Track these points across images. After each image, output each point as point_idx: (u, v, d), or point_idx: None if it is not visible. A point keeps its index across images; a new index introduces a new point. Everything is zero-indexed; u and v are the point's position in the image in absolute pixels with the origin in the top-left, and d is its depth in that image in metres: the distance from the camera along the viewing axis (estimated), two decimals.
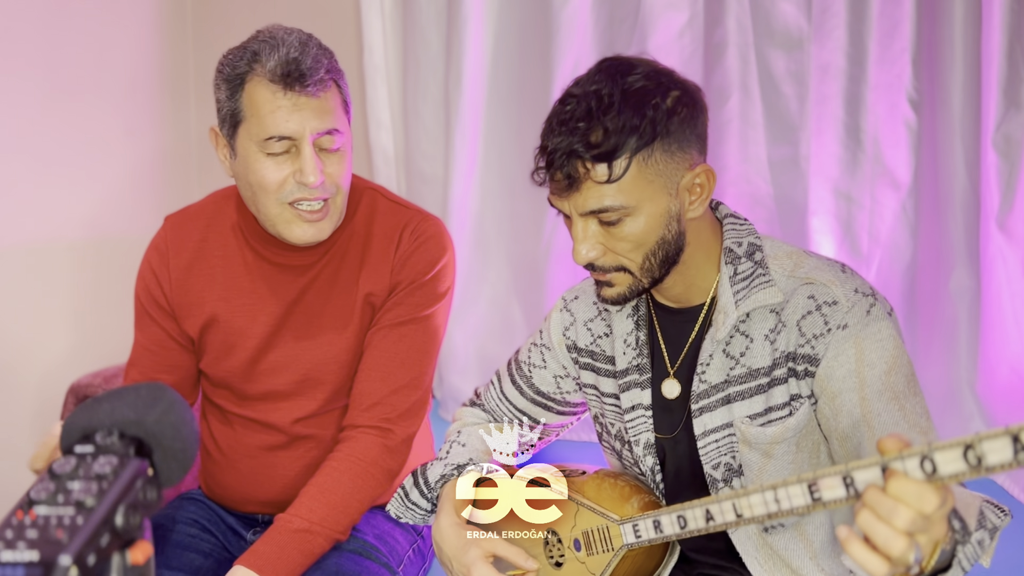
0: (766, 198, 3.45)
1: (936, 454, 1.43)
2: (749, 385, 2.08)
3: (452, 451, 2.42)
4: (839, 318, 1.99)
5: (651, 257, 2.04)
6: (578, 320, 2.38)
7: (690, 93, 2.03)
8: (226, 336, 2.62)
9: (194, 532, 2.67)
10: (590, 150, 1.93)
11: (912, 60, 3.17)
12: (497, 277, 3.92)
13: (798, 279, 2.06)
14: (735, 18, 3.37)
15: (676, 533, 1.96)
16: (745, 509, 1.77)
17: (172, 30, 4.22)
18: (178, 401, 1.40)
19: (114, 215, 3.93)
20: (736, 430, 2.10)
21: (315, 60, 2.37)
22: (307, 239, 2.47)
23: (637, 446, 2.25)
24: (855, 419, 1.96)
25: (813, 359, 2.00)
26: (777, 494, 1.69)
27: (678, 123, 1.98)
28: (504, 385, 2.53)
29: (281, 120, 2.35)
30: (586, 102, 1.96)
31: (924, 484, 1.44)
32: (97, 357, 3.78)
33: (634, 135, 1.93)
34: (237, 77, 2.39)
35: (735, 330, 2.09)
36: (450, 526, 2.25)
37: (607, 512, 2.15)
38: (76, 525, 1.10)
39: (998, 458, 1.36)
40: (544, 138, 2.01)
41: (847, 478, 1.56)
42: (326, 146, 2.41)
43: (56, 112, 3.68)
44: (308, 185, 2.38)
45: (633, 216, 1.98)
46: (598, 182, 1.95)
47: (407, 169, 3.99)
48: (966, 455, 1.39)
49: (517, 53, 3.77)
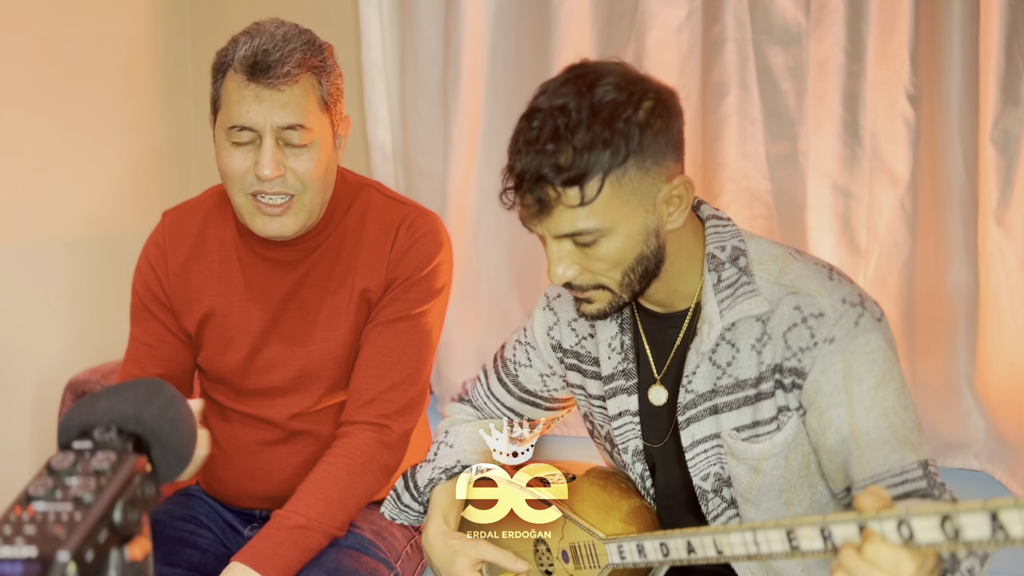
0: (764, 194, 3.45)
1: (913, 520, 1.42)
2: (736, 396, 2.04)
3: (440, 453, 2.40)
4: (826, 331, 1.94)
5: (630, 273, 1.98)
6: (561, 320, 2.35)
7: (663, 101, 1.92)
8: (223, 331, 2.62)
9: (192, 528, 2.67)
10: (560, 174, 1.84)
11: (910, 56, 3.17)
12: (495, 272, 3.91)
13: (784, 287, 2.00)
14: (733, 14, 3.37)
15: (659, 560, 1.94)
16: (725, 547, 1.76)
17: (170, 26, 4.22)
18: (176, 397, 1.41)
19: (112, 211, 3.92)
20: (724, 442, 2.08)
21: (287, 54, 2.35)
22: (268, 232, 2.46)
23: (626, 453, 2.23)
24: (843, 436, 1.94)
25: (800, 372, 1.97)
26: (756, 536, 1.68)
27: (652, 136, 1.88)
28: (491, 383, 2.52)
29: (243, 111, 2.35)
30: (552, 120, 1.86)
31: (901, 549, 1.44)
32: (95, 353, 3.78)
33: (605, 154, 1.84)
34: (222, 66, 2.41)
35: (721, 339, 2.05)
36: (437, 535, 2.25)
37: (593, 529, 2.13)
38: (74, 521, 1.10)
39: (975, 534, 1.35)
40: (511, 158, 1.93)
41: (824, 531, 1.55)
42: (292, 141, 2.39)
43: (53, 108, 3.68)
44: (262, 178, 2.37)
45: (609, 237, 1.91)
46: (570, 206, 1.87)
47: (405, 165, 3.99)
48: (943, 526, 1.38)
49: (515, 49, 3.77)
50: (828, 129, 3.33)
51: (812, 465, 2.07)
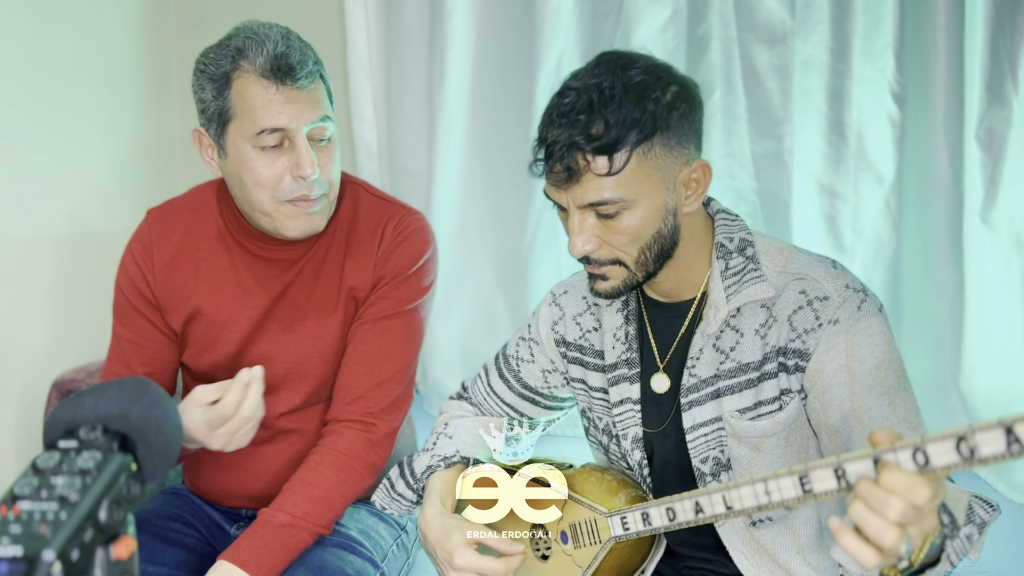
0: (750, 192, 3.46)
1: (928, 446, 1.43)
2: (739, 379, 2.08)
3: (439, 443, 2.41)
4: (830, 313, 1.99)
5: (647, 251, 2.03)
6: (567, 314, 2.38)
7: (688, 88, 2.02)
8: (209, 329, 2.61)
9: (177, 527, 2.65)
10: (591, 142, 1.92)
11: (895, 55, 3.18)
12: (481, 271, 3.92)
13: (789, 274, 2.06)
14: (718, 13, 3.38)
15: (665, 525, 1.95)
16: (735, 501, 1.77)
17: (156, 24, 4.21)
18: (162, 396, 1.40)
19: (97, 209, 3.91)
20: (725, 424, 2.10)
21: (302, 54, 2.36)
22: (305, 232, 2.46)
23: (625, 440, 2.24)
24: (845, 414, 1.96)
25: (804, 354, 2.00)
26: (768, 486, 1.69)
27: (677, 118, 1.96)
28: (491, 379, 2.53)
29: (274, 112, 2.34)
30: (587, 95, 1.94)
31: (916, 476, 1.45)
32: (80, 351, 3.77)
33: (635, 128, 1.91)
34: (223, 76, 2.37)
35: (725, 324, 2.08)
36: (434, 515, 2.24)
37: (595, 504, 2.14)
38: (60, 520, 1.10)
39: (991, 450, 1.37)
40: (543, 130, 2.00)
41: (839, 470, 1.56)
42: (317, 136, 2.40)
43: (39, 106, 3.66)
44: (305, 178, 2.37)
45: (631, 209, 1.97)
46: (598, 174, 1.94)
47: (391, 164, 3.99)
48: (959, 447, 1.40)
49: (501, 48, 3.77)
50: (813, 128, 3.34)
51: (811, 448, 2.09)
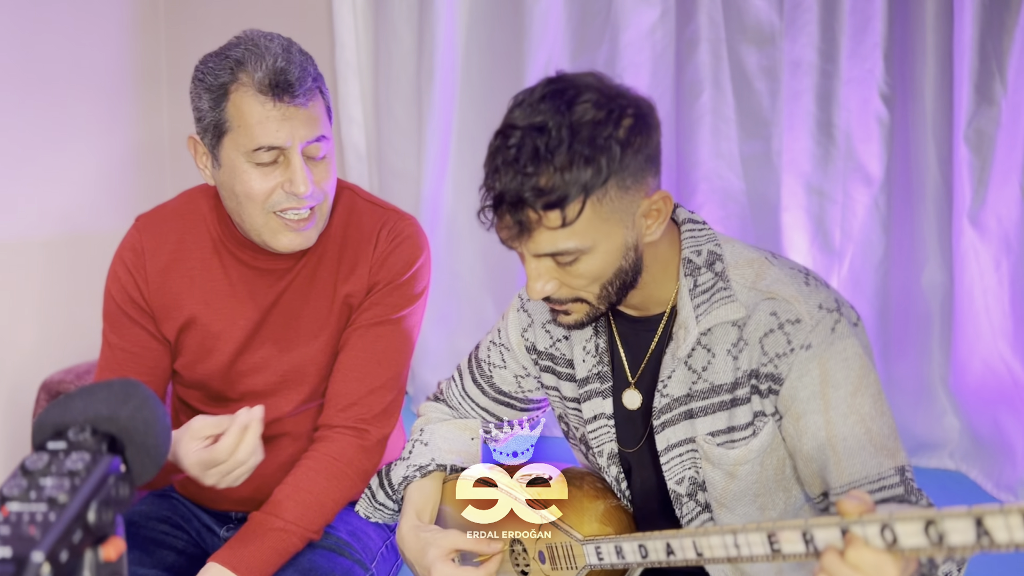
0: (738, 194, 3.45)
1: (897, 525, 1.42)
2: (712, 401, 2.04)
3: (415, 451, 2.40)
4: (802, 337, 1.93)
5: (608, 287, 1.96)
6: (536, 321, 2.33)
7: (643, 116, 1.89)
8: (204, 339, 2.61)
9: (167, 529, 2.66)
10: (540, 197, 1.80)
11: (884, 55, 3.18)
12: (469, 272, 3.92)
13: (760, 292, 1.99)
14: (707, 14, 3.38)
15: (637, 562, 1.93)
16: (705, 549, 1.75)
17: (145, 28, 4.20)
18: (151, 398, 1.40)
19: (86, 212, 3.91)
20: (699, 447, 2.07)
21: (302, 69, 2.34)
22: (294, 247, 2.45)
23: (601, 456, 2.22)
24: (820, 442, 1.94)
25: (776, 378, 1.96)
26: (737, 539, 1.68)
27: (632, 154, 1.85)
28: (465, 383, 2.51)
29: (271, 130, 2.32)
30: (531, 140, 1.81)
31: (883, 554, 1.44)
32: (69, 353, 3.77)
33: (586, 174, 1.80)
34: (221, 87, 2.35)
35: (696, 343, 2.04)
36: (409, 530, 2.24)
37: (570, 530, 2.12)
38: (48, 522, 1.10)
39: (960, 539, 1.35)
40: (488, 177, 1.89)
41: (807, 534, 1.55)
42: (313, 154, 2.39)
43: (29, 109, 3.66)
44: (298, 195, 2.36)
45: (590, 255, 1.89)
46: (551, 228, 1.84)
47: (379, 165, 3.98)
48: (927, 530, 1.38)
49: (489, 49, 3.77)
50: (802, 128, 3.34)
51: (787, 470, 2.06)
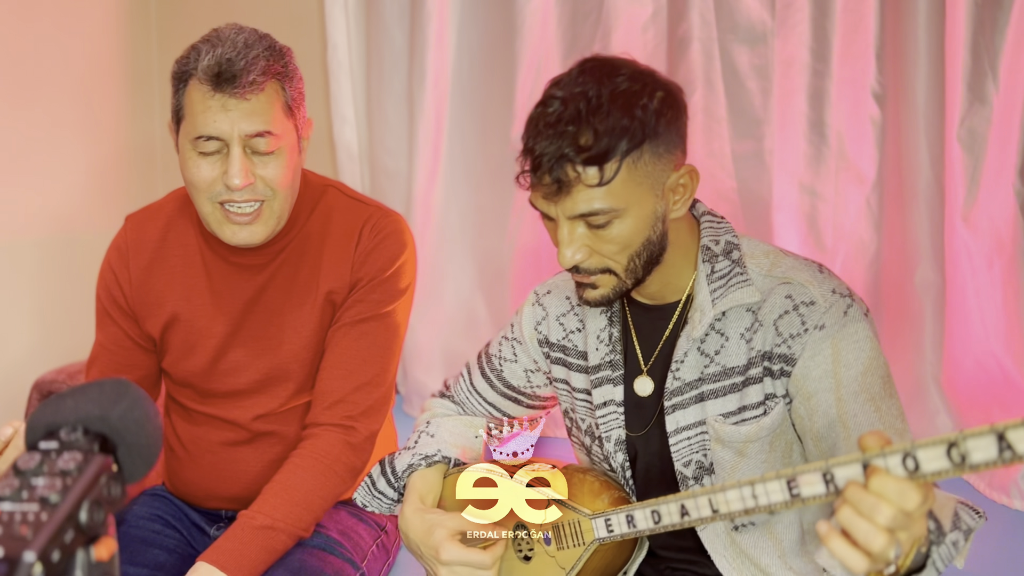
0: (730, 192, 3.45)
1: (919, 451, 1.43)
2: (723, 384, 2.07)
3: (420, 441, 2.42)
4: (816, 318, 1.98)
5: (636, 258, 2.01)
6: (550, 315, 2.37)
7: (673, 94, 1.99)
8: (187, 336, 2.62)
9: (157, 528, 2.66)
10: (581, 153, 1.89)
11: (876, 55, 3.18)
12: (461, 272, 3.92)
13: (775, 278, 2.05)
14: (699, 13, 3.38)
15: (649, 528, 1.94)
16: (721, 504, 1.76)
17: (136, 28, 4.20)
18: (142, 397, 1.38)
19: (78, 212, 3.91)
20: (709, 428, 2.09)
21: (251, 62, 2.34)
22: (238, 241, 2.46)
23: (608, 442, 2.23)
24: (830, 419, 1.96)
25: (789, 359, 1.99)
26: (755, 489, 1.69)
27: (665, 124, 1.94)
28: (474, 378, 2.52)
29: (210, 120, 2.34)
30: (573, 104, 1.91)
31: (906, 481, 1.45)
32: (61, 353, 3.78)
33: (624, 137, 1.89)
34: (183, 75, 2.39)
35: (711, 328, 2.07)
36: (414, 513, 2.25)
37: (578, 507, 2.13)
38: (40, 521, 1.09)
39: (982, 456, 1.36)
40: (529, 141, 1.97)
41: (827, 474, 1.56)
42: (259, 148, 2.38)
43: (20, 110, 3.67)
44: (231, 187, 2.37)
45: (622, 218, 1.95)
46: (588, 185, 1.91)
47: (371, 164, 3.98)
48: (949, 453, 1.39)
49: (480, 48, 3.77)
50: (794, 128, 3.34)
51: (795, 453, 2.09)
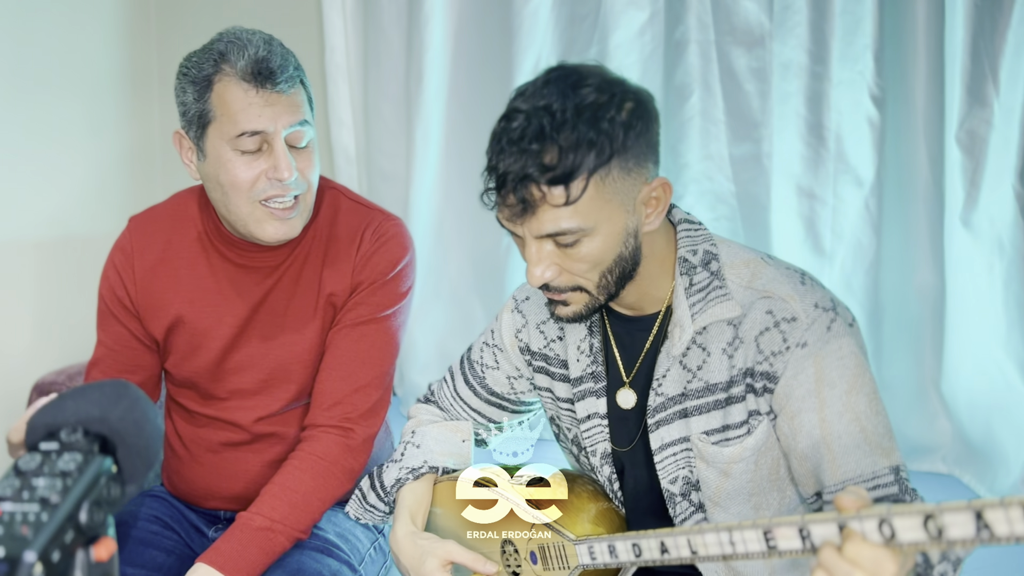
0: (728, 195, 3.45)
1: (895, 519, 1.40)
2: (707, 400, 2.03)
3: (407, 453, 2.40)
4: (798, 335, 1.93)
5: (608, 275, 1.97)
6: (530, 322, 2.34)
7: (643, 103, 1.92)
8: (191, 337, 2.62)
9: (156, 529, 2.67)
10: (545, 173, 1.82)
11: (875, 57, 3.17)
12: (458, 274, 3.92)
13: (756, 291, 2.00)
14: (696, 16, 3.38)
15: (631, 560, 1.91)
16: (700, 547, 1.73)
17: (136, 30, 4.21)
18: (142, 399, 1.40)
19: (78, 214, 3.92)
20: (693, 446, 2.06)
21: (283, 58, 2.38)
22: (279, 237, 2.47)
23: (594, 456, 2.22)
24: (815, 440, 1.93)
25: (771, 376, 1.96)
26: (732, 536, 1.65)
27: (634, 137, 1.87)
28: (457, 384, 2.50)
29: (253, 116, 2.35)
30: (537, 119, 1.84)
31: (882, 549, 1.42)
32: (61, 354, 3.79)
33: (591, 153, 1.82)
34: (204, 79, 2.39)
35: (692, 342, 2.04)
36: (405, 536, 2.24)
37: (562, 530, 2.12)
38: (41, 522, 1.10)
39: (959, 533, 1.33)
40: (492, 158, 1.90)
41: (803, 530, 1.53)
42: (296, 142, 2.42)
43: (20, 111, 3.67)
44: (282, 181, 2.38)
45: (591, 237, 1.90)
46: (554, 205, 1.85)
47: (368, 167, 3.99)
48: (926, 524, 1.36)
49: (478, 51, 3.77)
50: (792, 130, 3.33)
51: (782, 469, 2.06)
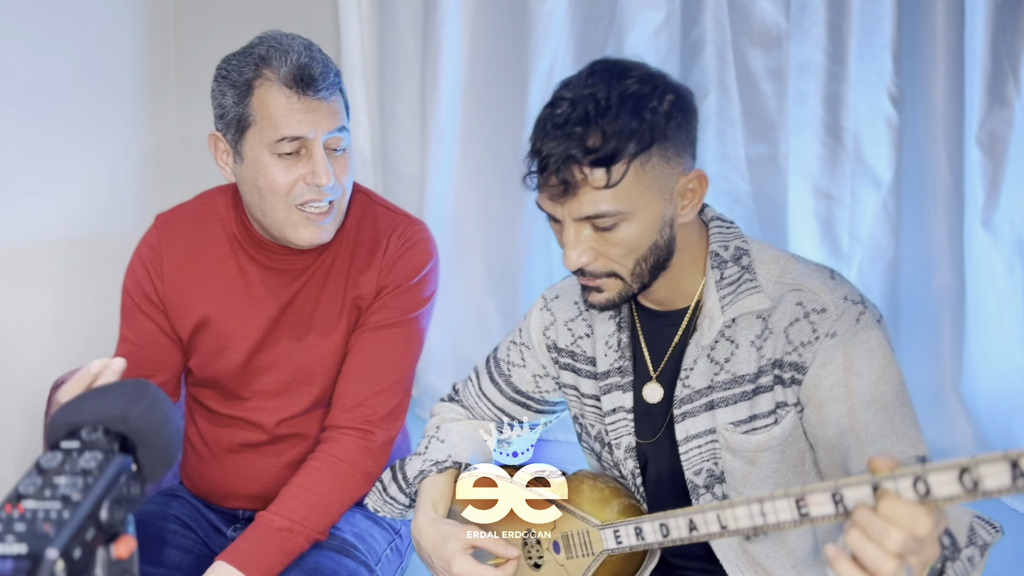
0: (745, 196, 3.44)
1: (930, 475, 1.40)
2: (733, 391, 2.06)
3: (431, 447, 2.41)
4: (827, 326, 1.96)
5: (642, 262, 2.01)
6: (558, 320, 2.36)
7: (683, 97, 1.99)
8: (218, 338, 2.65)
9: (175, 528, 2.69)
10: (588, 155, 1.89)
11: (893, 56, 3.15)
12: (473, 275, 3.91)
13: (786, 285, 2.03)
14: (712, 16, 3.36)
15: (658, 541, 1.92)
16: (730, 521, 1.73)
17: (154, 33, 4.22)
18: (162, 398, 1.42)
19: (96, 215, 3.95)
20: (719, 436, 2.08)
21: (325, 66, 2.43)
22: (313, 241, 2.51)
23: (618, 449, 2.23)
24: (842, 429, 1.94)
25: (800, 367, 1.98)
26: (763, 507, 1.65)
27: (675, 127, 1.94)
28: (482, 382, 2.52)
29: (295, 121, 2.39)
30: (582, 105, 1.91)
31: (917, 506, 1.42)
32: (81, 354, 3.80)
33: (632, 139, 1.89)
34: (245, 83, 2.43)
35: (720, 335, 2.06)
36: (427, 522, 2.25)
37: (587, 516, 2.13)
38: (63, 519, 1.12)
39: (995, 483, 1.33)
40: (536, 142, 1.96)
41: (836, 495, 1.53)
42: (334, 147, 2.46)
43: (40, 113, 3.71)
44: (320, 186, 2.42)
45: (628, 221, 1.95)
46: (595, 187, 1.91)
47: (383, 169, 3.98)
48: (961, 478, 1.36)
49: (493, 52, 3.76)
50: (809, 131, 3.31)
51: (807, 462, 2.07)
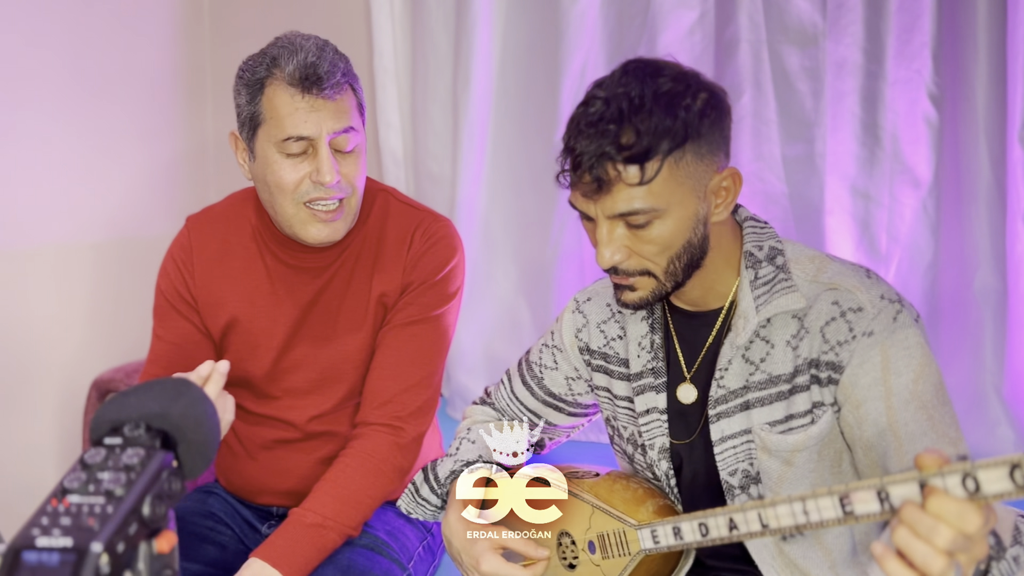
0: (780, 197, 3.42)
1: (979, 472, 1.38)
2: (769, 392, 2.04)
3: (462, 448, 2.43)
4: (864, 325, 1.95)
5: (676, 261, 1.99)
6: (591, 322, 2.35)
7: (717, 95, 1.98)
8: (248, 337, 2.67)
9: (211, 524, 2.73)
10: (622, 152, 1.88)
11: (932, 55, 3.13)
12: (504, 276, 3.91)
13: (821, 284, 2.02)
14: (747, 15, 3.35)
15: (697, 541, 1.91)
16: (771, 520, 1.71)
17: (190, 34, 4.29)
18: (201, 396, 1.44)
19: (134, 215, 4.02)
20: (756, 437, 2.06)
21: (332, 64, 2.44)
22: (322, 239, 2.53)
23: (652, 450, 2.22)
24: (881, 428, 1.93)
25: (837, 366, 1.96)
26: (806, 505, 1.64)
27: (708, 125, 1.93)
28: (514, 385, 2.52)
29: (300, 121, 2.42)
30: (616, 103, 1.90)
31: (966, 503, 1.40)
32: (118, 352, 3.88)
33: (666, 137, 1.88)
34: (257, 82, 2.47)
35: (755, 335, 2.05)
36: (458, 520, 2.26)
37: (624, 516, 2.12)
38: (107, 514, 1.15)
39: None
40: (570, 140, 1.96)
41: (882, 492, 1.51)
42: (341, 147, 2.47)
43: (79, 115, 3.79)
44: (324, 184, 2.44)
45: (662, 219, 1.94)
46: (629, 184, 1.90)
47: (415, 169, 3.99)
48: (1012, 474, 1.34)
49: (525, 53, 3.76)
50: (846, 130, 3.29)
51: (844, 463, 2.05)
